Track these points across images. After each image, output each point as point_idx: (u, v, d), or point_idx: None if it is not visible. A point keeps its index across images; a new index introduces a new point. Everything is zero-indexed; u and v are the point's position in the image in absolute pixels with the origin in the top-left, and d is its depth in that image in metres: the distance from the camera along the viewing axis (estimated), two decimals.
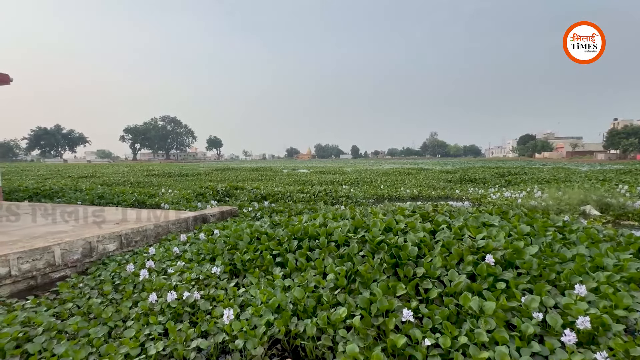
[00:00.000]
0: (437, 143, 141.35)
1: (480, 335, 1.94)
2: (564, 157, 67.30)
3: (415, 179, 14.88)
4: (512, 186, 11.59)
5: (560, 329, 2.06)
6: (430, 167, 30.19)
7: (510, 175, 14.82)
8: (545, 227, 3.90)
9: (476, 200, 8.90)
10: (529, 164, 33.48)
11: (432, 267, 2.76)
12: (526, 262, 2.85)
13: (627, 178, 12.40)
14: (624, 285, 2.67)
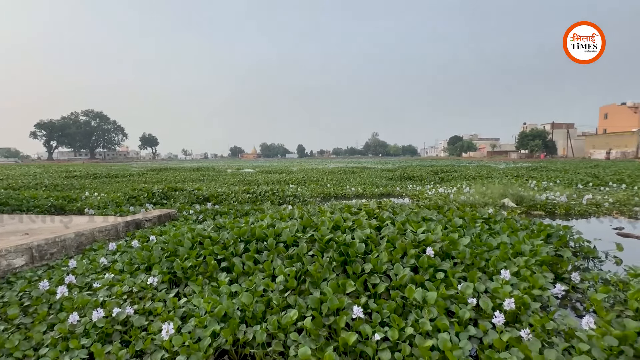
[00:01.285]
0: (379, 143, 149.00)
1: (424, 325, 2.04)
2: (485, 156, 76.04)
3: (360, 178, 15.43)
4: (445, 183, 12.69)
5: (491, 311, 2.28)
6: (373, 165, 31.59)
7: (443, 173, 16.21)
8: (475, 219, 4.31)
9: (415, 197, 9.53)
10: (457, 163, 37.00)
11: (379, 262, 2.85)
12: (461, 252, 3.11)
13: (534, 174, 14.44)
14: (537, 267, 3.06)
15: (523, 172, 15.39)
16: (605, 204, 7.50)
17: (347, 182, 13.56)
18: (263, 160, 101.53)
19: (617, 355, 1.88)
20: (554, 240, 3.93)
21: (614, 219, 6.59)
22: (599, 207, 7.29)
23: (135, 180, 15.64)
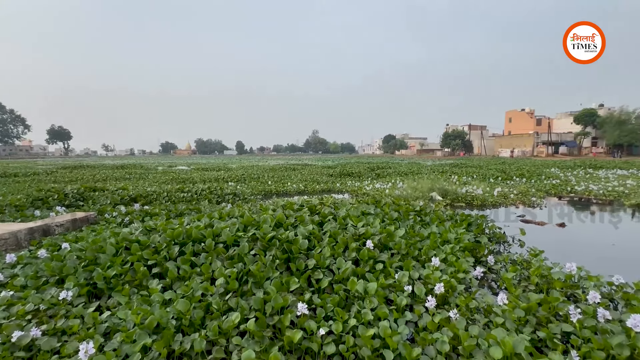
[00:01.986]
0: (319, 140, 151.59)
1: (366, 315, 2.12)
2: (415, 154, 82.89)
3: (301, 174, 15.50)
4: (381, 178, 13.46)
5: (424, 296, 2.46)
6: (314, 162, 32.04)
7: (379, 170, 17.18)
8: (408, 212, 4.63)
9: (354, 192, 9.92)
10: (391, 160, 39.56)
11: (322, 257, 2.89)
12: (397, 243, 3.31)
13: (456, 170, 16.16)
14: (461, 253, 3.41)
15: (447, 169, 17.08)
16: (511, 195, 8.72)
17: (289, 179, 13.52)
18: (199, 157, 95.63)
19: (524, 323, 2.19)
20: (473, 228, 4.43)
21: (517, 207, 7.70)
22: (506, 198, 8.44)
23: (41, 179, 13.43)
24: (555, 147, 52.98)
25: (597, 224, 6.18)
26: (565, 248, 4.72)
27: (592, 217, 6.84)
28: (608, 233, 5.35)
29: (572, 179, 12.36)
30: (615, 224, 6.07)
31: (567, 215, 6.88)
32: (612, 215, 6.87)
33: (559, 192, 9.87)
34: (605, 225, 6.02)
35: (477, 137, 68.29)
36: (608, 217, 6.79)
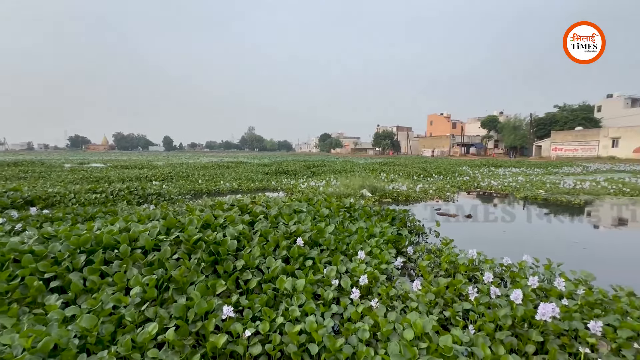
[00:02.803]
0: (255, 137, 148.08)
1: (294, 312, 2.15)
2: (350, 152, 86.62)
3: (235, 173, 14.98)
4: (316, 176, 13.75)
5: (350, 288, 2.59)
6: (250, 160, 31.20)
7: (314, 167, 17.53)
8: (339, 208, 4.81)
9: (289, 190, 9.95)
10: (327, 158, 40.65)
11: (252, 257, 2.84)
12: (326, 240, 3.42)
13: (385, 168, 17.35)
14: (385, 245, 3.67)
15: (377, 167, 18.21)
16: (430, 190, 9.68)
17: (222, 177, 12.95)
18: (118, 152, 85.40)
19: (434, 305, 2.46)
20: (396, 222, 4.81)
21: (435, 201, 8.58)
22: (426, 194, 9.34)
23: None
24: (467, 148, 60.42)
25: (495, 213, 7.23)
26: (471, 236, 5.42)
27: (492, 208, 7.98)
28: (503, 221, 6.31)
29: (478, 176, 14.24)
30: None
31: (473, 207, 7.91)
32: (507, 206, 8.11)
33: (468, 187, 11.28)
34: (501, 214, 7.08)
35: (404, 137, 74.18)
36: (504, 207, 8.00)
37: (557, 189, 10.34)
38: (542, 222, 6.46)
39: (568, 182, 11.74)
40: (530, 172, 17.08)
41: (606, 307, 2.43)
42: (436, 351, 1.80)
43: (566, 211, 7.51)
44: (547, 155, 44.88)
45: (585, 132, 42.22)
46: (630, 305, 2.44)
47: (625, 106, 44.34)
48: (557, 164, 25.21)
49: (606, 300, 2.54)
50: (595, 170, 19.97)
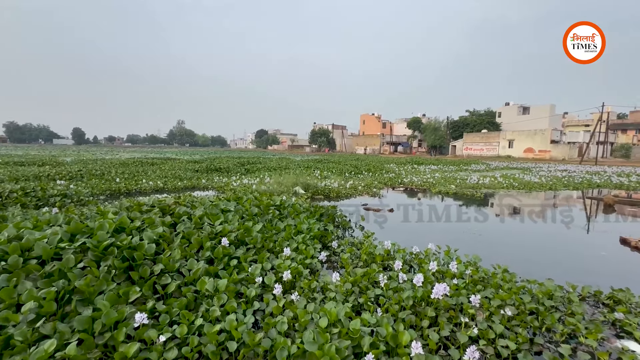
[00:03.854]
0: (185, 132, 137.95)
1: (214, 312, 2.16)
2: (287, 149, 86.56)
3: (161, 170, 13.86)
4: (250, 174, 13.50)
5: (274, 284, 2.68)
6: (179, 156, 29.11)
7: (249, 165, 17.17)
8: (269, 206, 4.85)
9: (220, 188, 9.61)
10: (263, 155, 40.04)
11: (171, 260, 2.73)
12: (253, 238, 3.44)
13: (319, 165, 17.83)
14: (311, 241, 3.84)
15: (312, 164, 18.60)
16: (359, 187, 10.29)
17: (145, 175, 11.89)
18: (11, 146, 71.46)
19: (350, 294, 2.69)
20: (324, 218, 5.05)
21: (363, 198, 9.16)
22: (356, 190, 9.91)
23: None
24: (395, 147, 65.24)
25: (415, 207, 8.04)
26: (392, 228, 5.95)
27: (412, 202, 8.84)
28: (420, 213, 7.05)
29: (403, 173, 15.56)
30: (425, 206, 8.06)
31: (396, 202, 8.66)
32: (424, 200, 9.07)
33: (393, 183, 12.26)
34: (419, 207, 7.89)
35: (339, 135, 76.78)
36: (422, 201, 8.92)
37: (465, 184, 11.88)
38: (451, 213, 7.38)
39: (474, 178, 13.56)
40: (446, 169, 19.25)
41: (486, 283, 2.95)
42: (347, 334, 1.99)
43: (470, 203, 8.70)
44: (461, 154, 50.99)
45: (489, 135, 49.01)
46: (503, 280, 3.00)
47: (518, 113, 52.61)
48: (467, 162, 28.84)
49: (487, 277, 3.07)
50: (495, 167, 23.38)
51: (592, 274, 3.81)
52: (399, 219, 6.53)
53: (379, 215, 6.81)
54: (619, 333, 2.44)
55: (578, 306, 2.65)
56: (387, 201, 8.64)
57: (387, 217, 6.61)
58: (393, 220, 6.45)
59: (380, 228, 5.71)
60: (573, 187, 12.30)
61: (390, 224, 6.15)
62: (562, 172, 17.87)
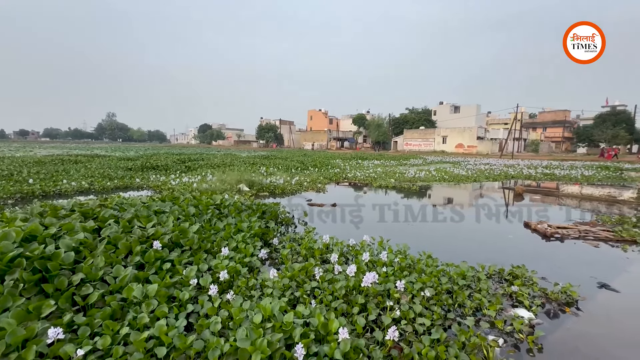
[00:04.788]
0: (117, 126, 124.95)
1: (142, 319, 2.07)
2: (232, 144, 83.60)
3: (86, 169, 12.47)
4: (191, 171, 12.81)
5: (209, 285, 2.64)
6: (109, 153, 26.40)
7: (190, 162, 16.26)
8: (208, 206, 4.71)
9: (157, 188, 8.99)
10: (207, 151, 38.21)
11: (94, 268, 2.54)
12: (189, 240, 3.34)
13: (265, 162, 17.62)
14: (252, 239, 3.84)
15: (258, 160, 18.30)
16: (305, 183, 10.44)
17: (66, 175, 10.60)
18: None
19: (288, 288, 2.77)
20: (267, 215, 5.06)
21: (308, 193, 9.32)
22: (301, 186, 10.03)
23: None
24: (342, 142, 67.03)
25: (357, 200, 8.42)
26: (334, 222, 6.17)
27: (354, 196, 9.25)
28: (361, 206, 7.42)
29: (347, 168, 16.12)
30: (367, 199, 8.49)
31: (340, 196, 8.98)
32: (366, 194, 9.54)
33: (338, 179, 12.66)
34: (360, 201, 8.29)
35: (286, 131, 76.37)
36: (363, 195, 9.38)
37: (403, 178, 12.75)
38: (390, 205, 7.88)
39: (411, 172, 14.60)
40: (387, 164, 20.39)
41: (412, 269, 3.26)
42: (280, 328, 2.07)
43: (407, 195, 9.38)
44: (402, 149, 54.29)
45: (426, 131, 52.92)
46: (426, 265, 3.34)
47: (450, 112, 57.62)
48: (407, 157, 30.88)
49: (413, 263, 3.39)
50: (431, 161, 25.41)
51: (500, 254, 4.41)
52: (341, 213, 6.80)
53: (322, 210, 7.01)
54: (514, 303, 2.90)
55: (485, 283, 3.07)
56: (331, 196, 8.91)
57: (330, 212, 6.83)
58: (336, 214, 6.69)
59: (323, 223, 5.90)
60: (493, 179, 13.94)
61: (332, 218, 6.37)
62: (485, 166, 20.10)
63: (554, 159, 32.22)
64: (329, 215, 6.58)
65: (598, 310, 2.87)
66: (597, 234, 5.20)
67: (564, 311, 2.81)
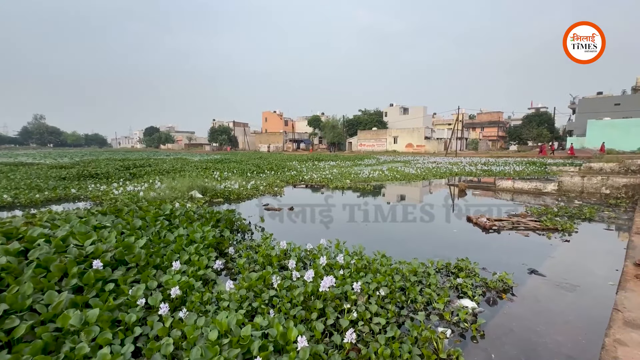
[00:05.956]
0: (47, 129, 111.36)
1: (81, 350, 1.88)
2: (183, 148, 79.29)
3: (8, 179, 10.97)
4: (137, 179, 11.88)
5: (159, 303, 2.49)
6: (38, 160, 23.53)
7: (135, 168, 15.09)
8: (156, 216, 4.43)
9: (97, 199, 8.21)
10: (155, 155, 35.79)
11: (20, 297, 2.25)
12: (136, 256, 3.11)
13: (219, 166, 16.98)
14: (205, 250, 3.69)
15: (211, 164, 17.59)
16: (261, 187, 10.27)
17: None
18: None
19: (245, 300, 2.71)
20: (222, 223, 4.89)
21: (265, 197, 9.18)
22: (257, 190, 9.84)
23: None
24: (298, 144, 67.06)
25: (313, 203, 8.48)
26: (291, 226, 6.16)
27: (311, 198, 9.31)
28: (318, 208, 7.49)
29: (304, 170, 16.17)
30: (323, 201, 8.59)
31: (297, 199, 8.98)
32: (322, 195, 9.65)
33: (295, 181, 12.64)
34: (317, 203, 8.36)
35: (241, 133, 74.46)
36: (320, 196, 9.48)
37: (358, 178, 13.13)
38: (346, 206, 8.06)
39: (365, 172, 15.08)
40: (343, 165, 20.85)
41: (368, 269, 3.38)
42: (237, 342, 2.02)
43: (361, 195, 9.68)
44: (357, 149, 55.86)
45: (378, 132, 55.05)
46: (381, 264, 3.48)
47: (400, 113, 60.58)
48: (361, 157, 31.85)
49: (369, 264, 3.51)
50: (384, 161, 26.50)
51: (447, 248, 4.75)
52: (299, 217, 6.81)
53: (279, 214, 6.95)
54: (459, 294, 3.15)
55: (434, 278, 3.29)
56: (288, 199, 8.88)
57: (288, 216, 6.81)
58: (293, 218, 6.68)
59: (280, 228, 5.86)
60: (439, 177, 14.94)
61: (290, 222, 6.35)
62: (432, 164, 21.49)
63: (491, 155, 35.47)
64: (286, 219, 6.55)
65: (529, 295, 3.22)
66: (527, 224, 5.84)
67: (501, 298, 3.12)
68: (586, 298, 3.20)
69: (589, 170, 12.45)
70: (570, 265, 4.10)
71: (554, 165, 18.62)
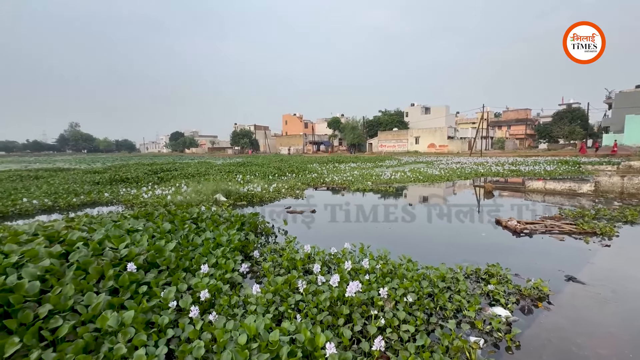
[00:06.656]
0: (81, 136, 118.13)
1: (119, 350, 1.97)
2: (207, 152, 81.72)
3: (49, 184, 11.71)
4: (164, 183, 12.35)
5: (190, 306, 2.55)
6: (74, 165, 24.98)
7: (163, 172, 15.68)
8: (184, 220, 4.57)
9: (128, 202, 8.59)
10: (180, 159, 37.06)
11: (63, 298, 2.38)
12: (166, 259, 3.22)
13: (242, 169, 17.32)
14: (231, 253, 3.76)
15: (234, 168, 17.97)
16: (283, 190, 10.37)
17: (26, 192, 9.90)
18: None
19: (272, 304, 2.73)
20: (246, 227, 4.97)
21: (287, 200, 9.26)
22: (279, 193, 9.95)
23: None
24: (318, 146, 67.29)
25: (335, 205, 8.46)
26: (314, 229, 6.17)
27: (333, 201, 9.29)
28: (341, 211, 7.46)
29: (324, 172, 16.18)
30: (345, 203, 8.55)
31: (319, 202, 8.99)
32: (344, 197, 9.61)
33: (316, 183, 12.68)
34: (339, 205, 8.33)
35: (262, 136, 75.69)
36: (342, 199, 9.44)
37: (380, 180, 12.97)
38: (368, 209, 7.98)
39: (387, 173, 14.89)
40: (364, 167, 20.69)
41: (394, 274, 3.31)
42: (267, 347, 2.03)
43: (384, 198, 9.55)
44: (377, 150, 55.29)
45: (399, 132, 54.24)
46: (407, 269, 3.41)
47: (422, 113, 59.43)
48: (382, 158, 31.47)
49: (394, 269, 3.45)
50: (405, 162, 26.06)
51: (475, 253, 4.58)
52: (321, 219, 6.81)
53: (302, 217, 6.98)
54: (491, 302, 3.02)
55: (463, 284, 3.18)
56: (310, 202, 8.90)
57: (310, 219, 6.82)
58: (316, 221, 6.69)
59: (303, 230, 5.87)
60: (464, 177, 14.50)
61: (312, 225, 6.37)
62: (456, 164, 20.89)
63: (519, 155, 34.03)
64: (308, 222, 6.57)
65: (567, 303, 3.04)
66: (562, 227, 5.54)
67: (536, 306, 2.96)
68: (630, 308, 2.99)
69: (629, 169, 11.66)
70: (612, 272, 3.85)
71: (588, 165, 17.60)
